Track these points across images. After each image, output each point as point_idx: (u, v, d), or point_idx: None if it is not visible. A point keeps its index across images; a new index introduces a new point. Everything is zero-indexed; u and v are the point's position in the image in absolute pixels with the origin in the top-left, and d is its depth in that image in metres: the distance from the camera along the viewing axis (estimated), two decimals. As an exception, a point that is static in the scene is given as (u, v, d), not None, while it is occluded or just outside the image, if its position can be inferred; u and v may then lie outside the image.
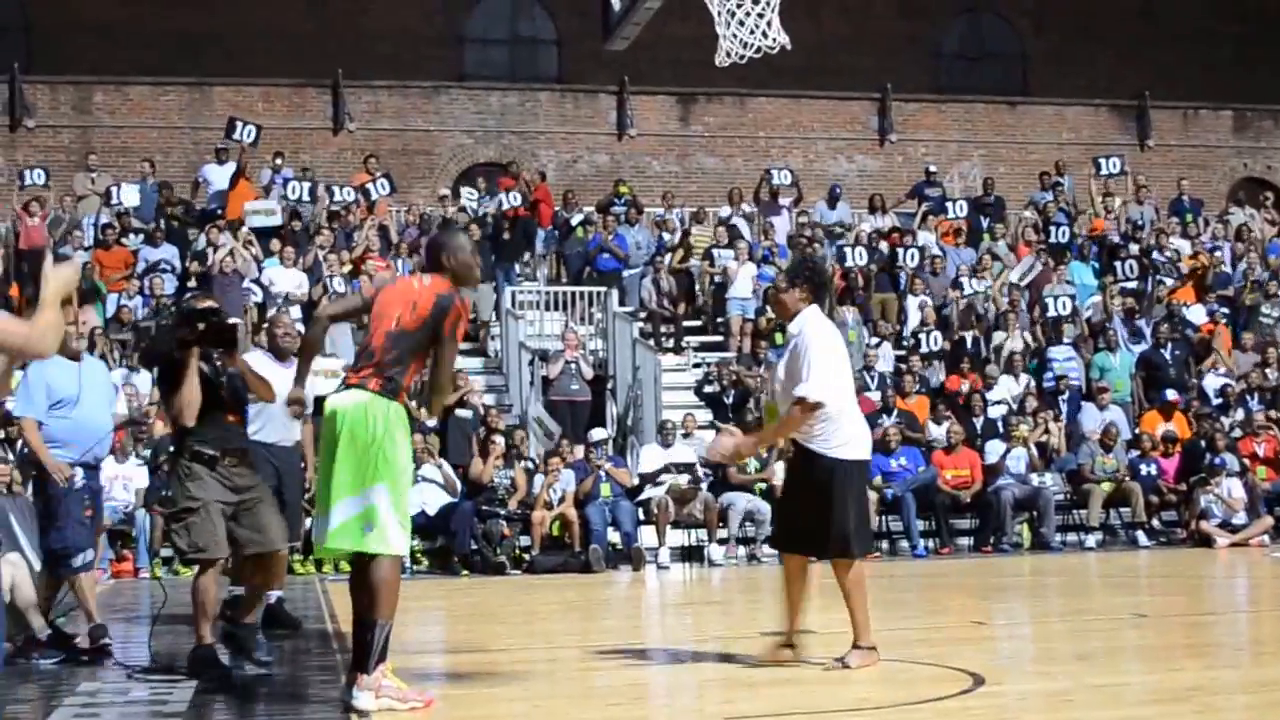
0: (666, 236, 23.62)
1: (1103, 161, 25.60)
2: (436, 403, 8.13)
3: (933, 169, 26.81)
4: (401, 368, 7.01)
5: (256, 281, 20.46)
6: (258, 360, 10.45)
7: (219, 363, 8.36)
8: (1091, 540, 17.82)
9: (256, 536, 8.38)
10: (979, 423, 18.94)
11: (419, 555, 16.21)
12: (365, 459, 6.87)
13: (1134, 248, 23.81)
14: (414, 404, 7.80)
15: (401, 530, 6.95)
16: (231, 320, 8.86)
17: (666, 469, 16.92)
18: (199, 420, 8.19)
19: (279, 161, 23.68)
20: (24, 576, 9.20)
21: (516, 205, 23.03)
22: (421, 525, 16.19)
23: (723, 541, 16.83)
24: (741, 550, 16.80)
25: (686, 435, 17.38)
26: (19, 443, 9.62)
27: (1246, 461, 18.33)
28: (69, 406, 9.11)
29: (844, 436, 7.83)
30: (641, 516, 16.81)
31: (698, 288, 22.85)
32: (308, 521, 10.47)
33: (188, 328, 8.21)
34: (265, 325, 14.24)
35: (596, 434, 17.69)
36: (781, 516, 9.19)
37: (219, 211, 22.08)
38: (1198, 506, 17.53)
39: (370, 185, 22.77)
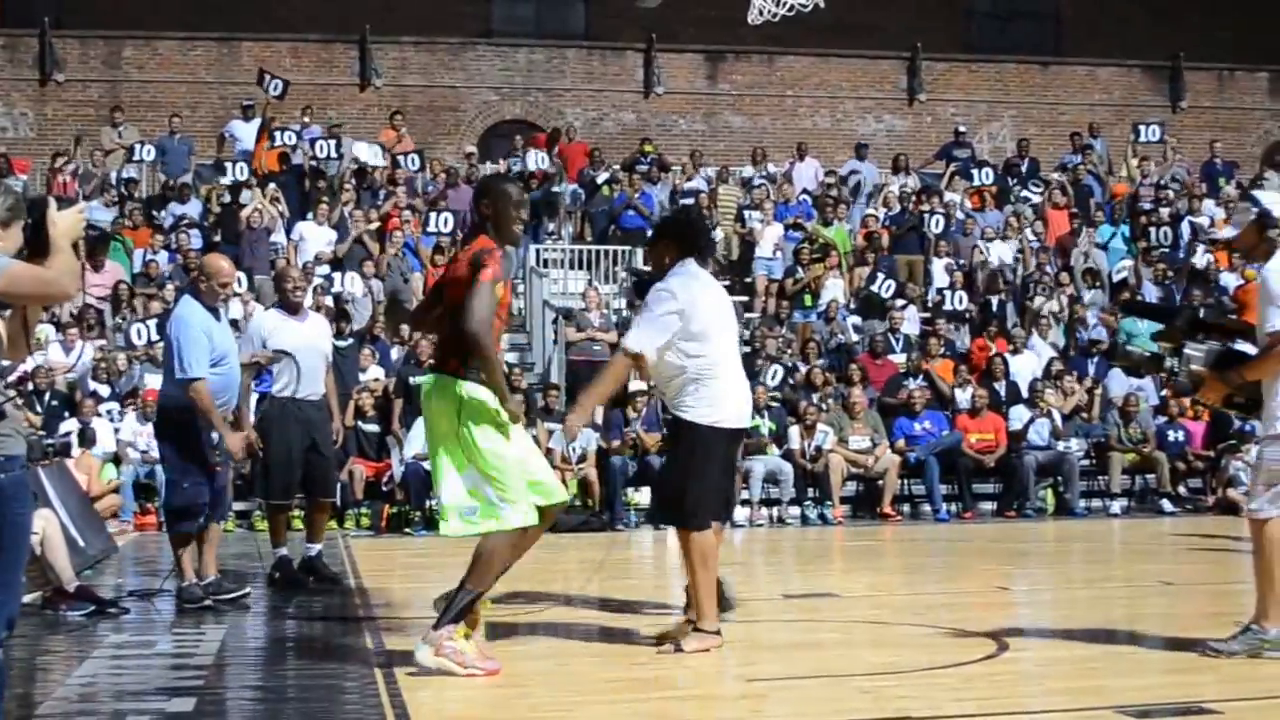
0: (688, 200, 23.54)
1: (1142, 128, 25.44)
2: (478, 353, 6.84)
3: (962, 129, 26.65)
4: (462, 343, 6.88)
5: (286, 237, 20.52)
6: (270, 316, 10.49)
7: None
8: (1116, 507, 17.77)
9: None
10: (1003, 387, 18.85)
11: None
12: (456, 442, 6.83)
13: (1164, 211, 23.66)
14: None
15: (512, 503, 6.84)
16: None
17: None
18: None
19: (306, 118, 23.67)
20: (55, 530, 9.24)
21: (542, 168, 23.04)
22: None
23: (745, 503, 16.81)
24: (764, 512, 16.77)
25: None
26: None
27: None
28: (224, 363, 9.17)
29: (707, 400, 7.39)
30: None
31: (721, 250, 22.79)
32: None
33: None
34: (274, 279, 14.27)
35: (635, 386, 17.64)
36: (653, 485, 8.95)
37: (245, 167, 22.12)
38: (1225, 474, 17.43)
39: (401, 158, 22.80)
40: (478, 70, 28.24)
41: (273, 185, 21.30)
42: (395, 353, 18.49)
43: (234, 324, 12.00)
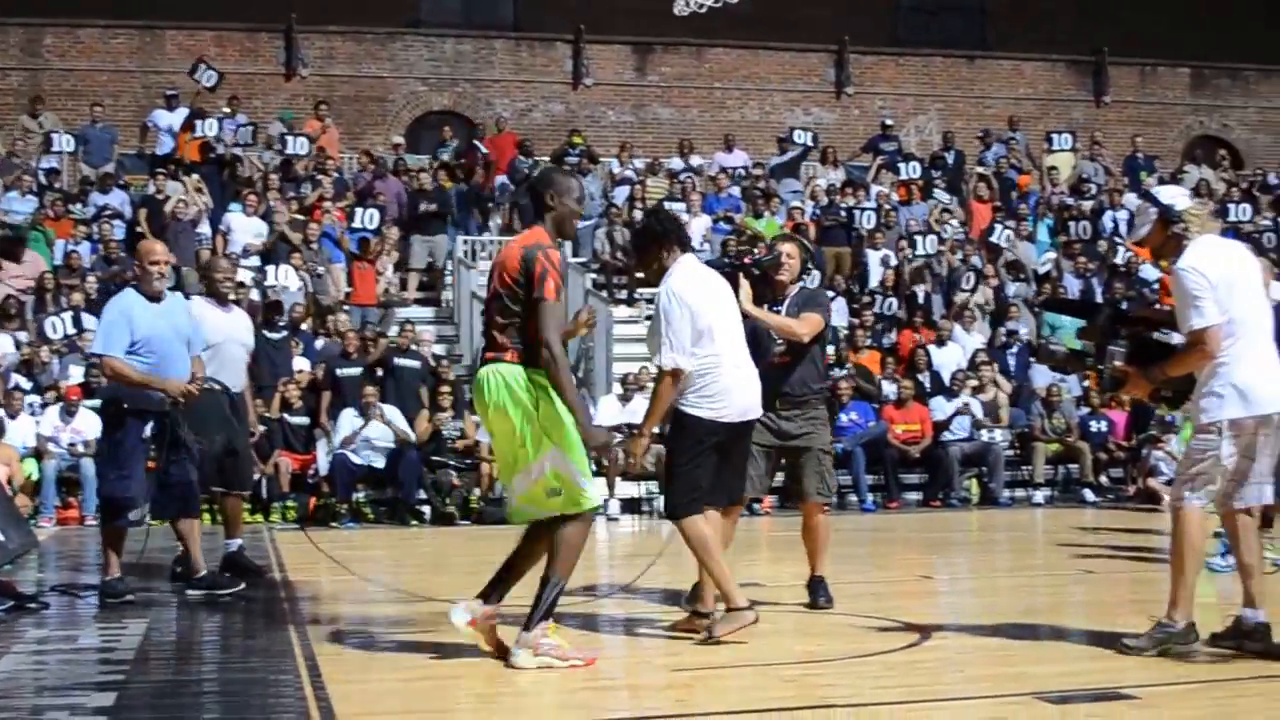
0: (620, 191, 23.56)
1: (1055, 136, 25.82)
2: (549, 372, 6.79)
3: (889, 122, 26.79)
4: (519, 333, 6.83)
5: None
6: (199, 306, 10.40)
7: None
8: (1039, 496, 17.93)
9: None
10: (928, 378, 18.99)
11: (364, 506, 16.17)
12: (526, 430, 6.75)
13: (1086, 205, 23.91)
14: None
15: (588, 484, 6.84)
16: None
17: (620, 429, 16.88)
18: None
19: (230, 108, 23.48)
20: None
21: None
22: (369, 476, 16.20)
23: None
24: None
25: (641, 389, 17.34)
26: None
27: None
28: (149, 350, 9.06)
29: (711, 395, 7.42)
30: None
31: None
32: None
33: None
34: (201, 269, 14.16)
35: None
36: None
37: (169, 157, 21.93)
38: (1146, 463, 17.63)
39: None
40: (405, 60, 28.11)
41: (195, 176, 21.11)
42: (321, 344, 18.39)
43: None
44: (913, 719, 5.85)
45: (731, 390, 7.47)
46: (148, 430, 9.03)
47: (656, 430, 7.79)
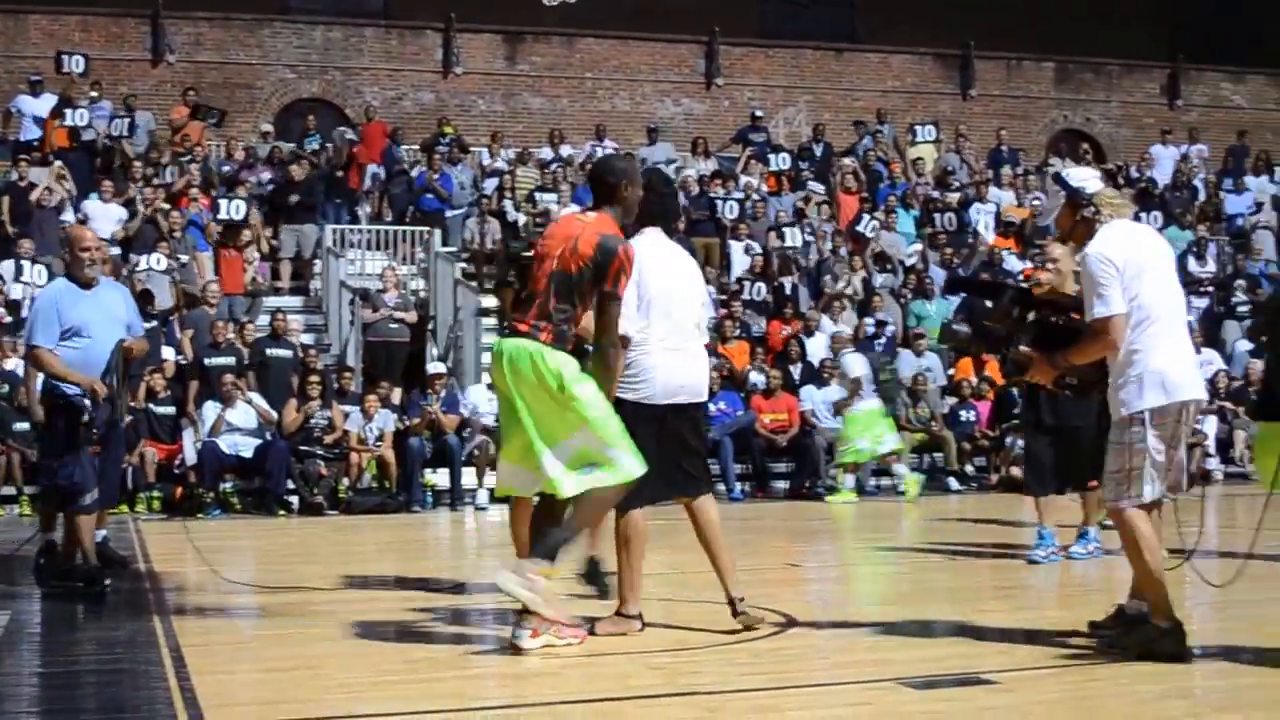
0: (490, 182, 23.51)
1: (918, 129, 26.17)
2: (598, 372, 6.81)
3: (759, 114, 26.97)
4: (567, 316, 6.75)
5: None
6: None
7: None
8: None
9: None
10: (800, 369, 19.18)
11: (231, 496, 16.01)
12: (557, 410, 6.67)
13: (952, 197, 24.27)
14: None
15: (626, 450, 6.71)
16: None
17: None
18: None
19: (96, 93, 23.07)
20: None
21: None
22: (236, 465, 16.04)
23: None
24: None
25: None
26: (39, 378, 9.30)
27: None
28: (80, 336, 8.92)
29: (635, 375, 7.16)
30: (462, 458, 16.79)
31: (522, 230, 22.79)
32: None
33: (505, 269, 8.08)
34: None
35: (434, 368, 17.57)
36: None
37: (35, 144, 21.51)
38: (1010, 452, 17.93)
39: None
40: (274, 47, 27.75)
41: (58, 163, 20.71)
42: (188, 333, 18.17)
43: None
44: (776, 705, 5.92)
45: (657, 370, 7.18)
46: (86, 416, 8.90)
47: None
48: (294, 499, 16.11)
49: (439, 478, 16.73)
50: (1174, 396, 6.64)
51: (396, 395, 17.51)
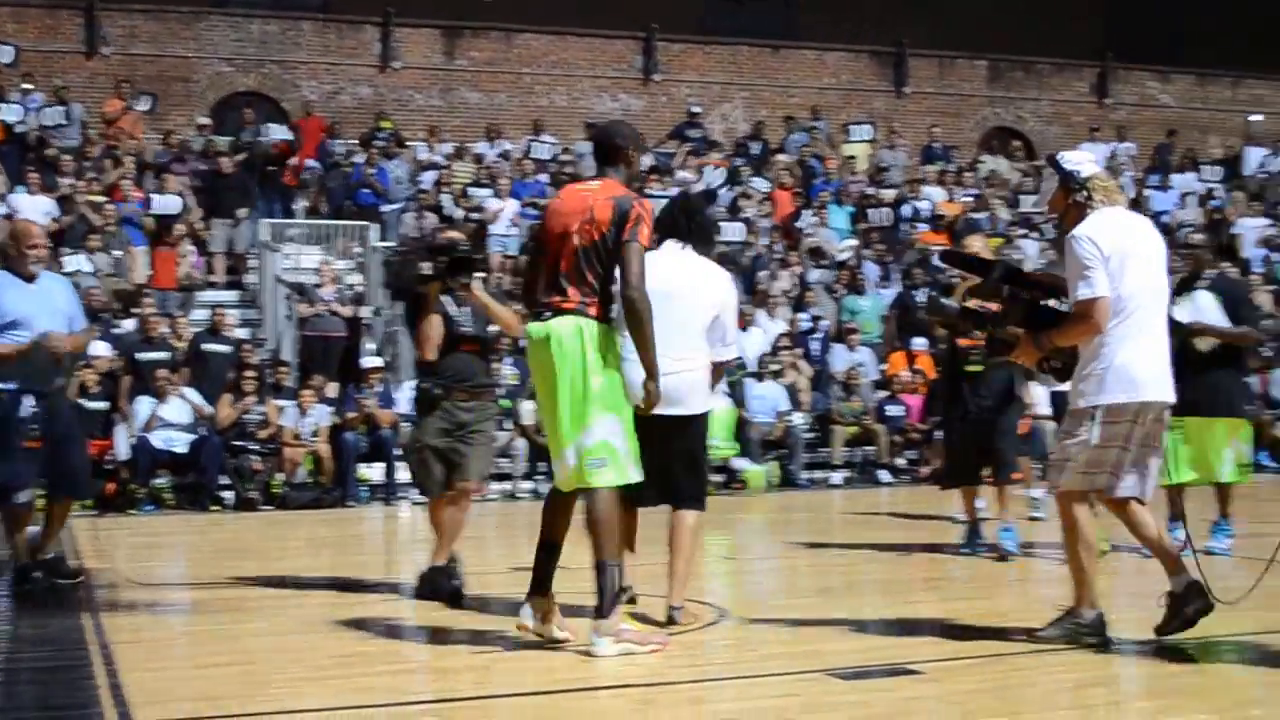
0: (428, 176, 23.47)
1: (853, 128, 26.37)
2: (629, 322, 6.59)
3: (696, 110, 27.05)
4: (603, 286, 6.63)
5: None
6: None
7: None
8: (837, 478, 18.34)
9: (456, 464, 8.30)
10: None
11: (164, 492, 15.93)
12: (591, 390, 6.55)
13: (887, 194, 24.45)
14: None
15: (633, 459, 6.66)
16: (477, 256, 8.63)
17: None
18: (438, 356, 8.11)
19: (28, 85, 22.87)
20: None
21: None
22: (170, 461, 15.96)
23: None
24: (495, 487, 16.80)
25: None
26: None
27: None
28: (22, 329, 8.83)
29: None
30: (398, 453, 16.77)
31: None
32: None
33: (430, 262, 8.02)
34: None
35: (370, 362, 17.54)
36: None
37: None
38: (939, 445, 18.08)
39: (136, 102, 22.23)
40: (210, 40, 27.58)
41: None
42: (122, 328, 18.05)
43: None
44: (705, 697, 5.99)
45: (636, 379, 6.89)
46: (26, 409, 8.82)
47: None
48: (228, 494, 16.05)
49: (374, 472, 16.72)
50: (1135, 396, 6.59)
51: (332, 390, 17.48)
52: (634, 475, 6.70)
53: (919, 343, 20.04)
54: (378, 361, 17.85)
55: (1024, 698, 5.99)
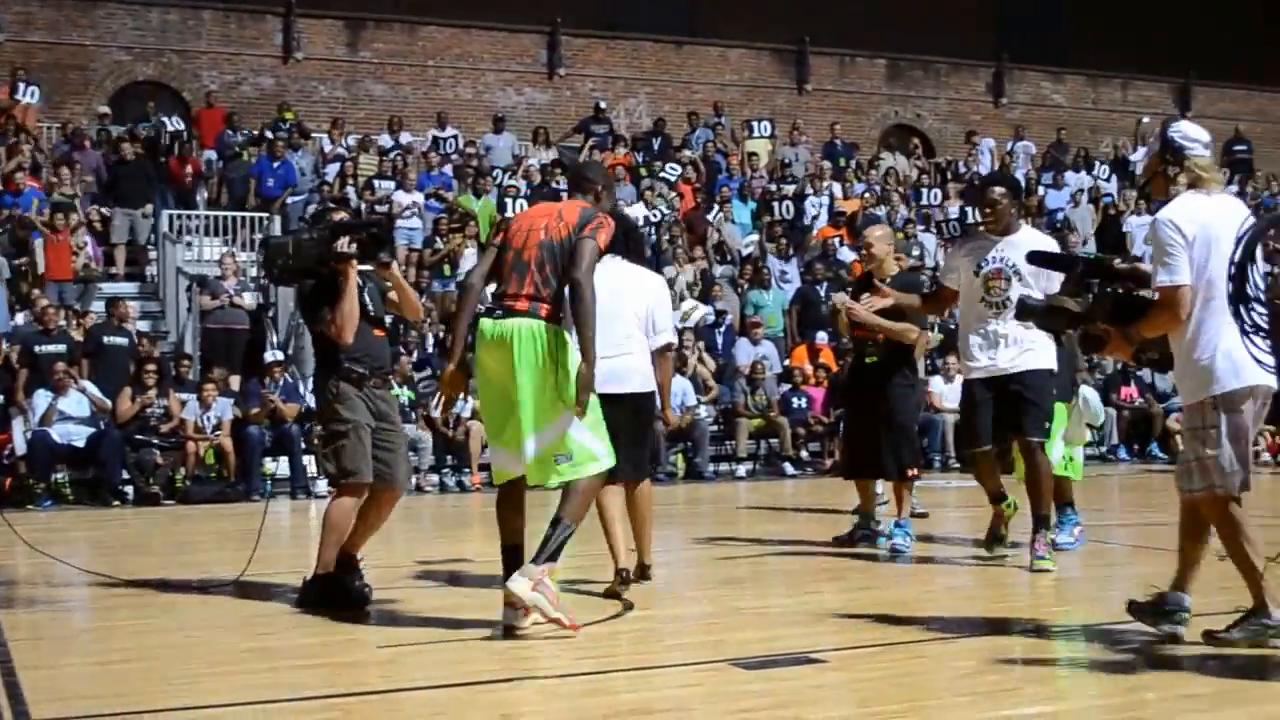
0: (332, 168, 23.35)
1: (755, 124, 26.53)
2: (576, 310, 6.83)
3: (601, 105, 27.09)
4: (558, 288, 6.90)
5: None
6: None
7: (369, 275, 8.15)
8: (742, 470, 18.47)
9: (384, 469, 8.05)
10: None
11: (63, 487, 15.74)
12: (547, 388, 6.79)
13: (788, 189, 24.63)
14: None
15: (602, 443, 7.01)
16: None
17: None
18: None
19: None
20: None
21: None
22: (69, 455, 15.78)
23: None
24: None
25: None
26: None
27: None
28: None
29: None
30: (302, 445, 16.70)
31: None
32: None
33: (349, 238, 7.83)
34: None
35: (274, 356, 17.42)
36: None
37: None
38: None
39: (18, 92, 21.88)
40: (108, 29, 27.24)
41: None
42: (21, 319, 17.83)
43: None
44: (610, 688, 6.03)
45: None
46: None
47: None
48: (129, 489, 15.89)
49: (279, 466, 16.61)
50: (1245, 380, 6.24)
51: (235, 383, 17.35)
52: (604, 460, 7.02)
53: (821, 336, 20.23)
54: (281, 355, 17.73)
55: (926, 683, 6.07)
